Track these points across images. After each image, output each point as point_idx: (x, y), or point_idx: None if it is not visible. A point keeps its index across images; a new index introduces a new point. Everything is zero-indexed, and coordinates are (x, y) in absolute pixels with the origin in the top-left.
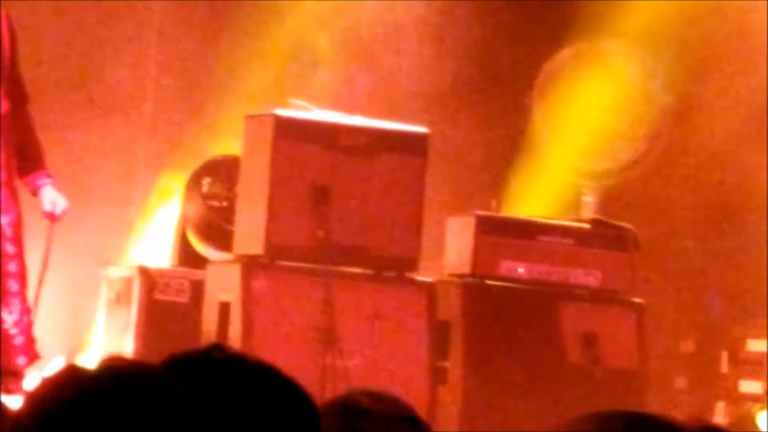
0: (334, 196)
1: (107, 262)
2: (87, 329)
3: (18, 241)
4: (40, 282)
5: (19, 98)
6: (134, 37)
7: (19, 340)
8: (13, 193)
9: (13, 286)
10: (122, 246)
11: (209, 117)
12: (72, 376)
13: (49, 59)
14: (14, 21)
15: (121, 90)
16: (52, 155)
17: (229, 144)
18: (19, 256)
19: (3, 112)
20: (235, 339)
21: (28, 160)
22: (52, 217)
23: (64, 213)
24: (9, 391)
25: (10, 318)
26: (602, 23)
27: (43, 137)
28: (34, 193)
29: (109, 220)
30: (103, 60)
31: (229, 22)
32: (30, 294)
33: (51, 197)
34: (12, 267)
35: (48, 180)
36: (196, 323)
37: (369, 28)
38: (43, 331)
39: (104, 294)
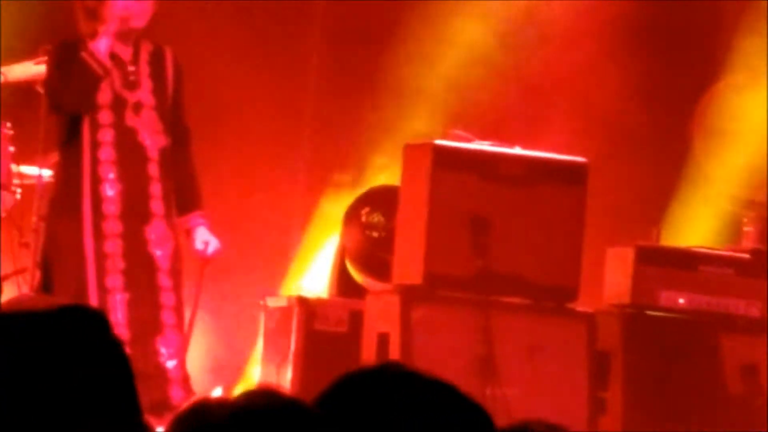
0: (493, 226)
1: (266, 293)
2: (246, 360)
3: (175, 274)
4: (191, 322)
5: (180, 136)
6: (293, 65)
7: (175, 373)
8: (171, 227)
9: (169, 318)
10: (281, 276)
11: (369, 146)
12: (218, 403)
13: (206, 90)
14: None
15: (279, 120)
16: (213, 186)
17: (388, 173)
18: (175, 289)
19: (163, 146)
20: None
21: (186, 200)
22: (203, 258)
23: (215, 254)
24: (161, 422)
25: (166, 350)
26: (763, 53)
27: (205, 168)
28: (188, 232)
29: (268, 251)
30: (262, 90)
31: (393, 53)
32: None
33: (203, 237)
34: (168, 299)
35: (202, 221)
36: (355, 353)
37: (527, 61)
38: (202, 362)
39: (263, 324)
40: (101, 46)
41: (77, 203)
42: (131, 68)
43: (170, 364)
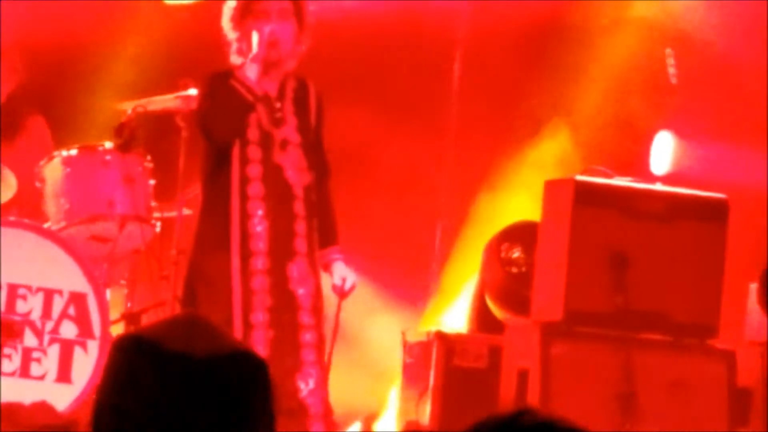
0: (632, 262)
1: (406, 327)
2: (385, 395)
3: (316, 311)
4: (329, 356)
5: (321, 171)
6: (432, 111)
7: (315, 410)
8: (313, 265)
9: (309, 355)
10: (421, 311)
11: (504, 183)
12: None
13: (351, 139)
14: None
15: (416, 157)
16: (357, 224)
17: (527, 209)
18: (317, 327)
19: (308, 184)
20: (533, 406)
21: (323, 235)
22: (340, 293)
23: (352, 289)
24: None
25: (306, 387)
26: None
27: (352, 208)
28: (326, 267)
29: (409, 286)
30: (399, 130)
31: (533, 87)
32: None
33: (341, 273)
34: (308, 337)
35: (339, 256)
36: (494, 389)
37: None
38: (343, 396)
39: (402, 359)
40: (250, 73)
41: (225, 238)
42: (277, 105)
43: (311, 400)
